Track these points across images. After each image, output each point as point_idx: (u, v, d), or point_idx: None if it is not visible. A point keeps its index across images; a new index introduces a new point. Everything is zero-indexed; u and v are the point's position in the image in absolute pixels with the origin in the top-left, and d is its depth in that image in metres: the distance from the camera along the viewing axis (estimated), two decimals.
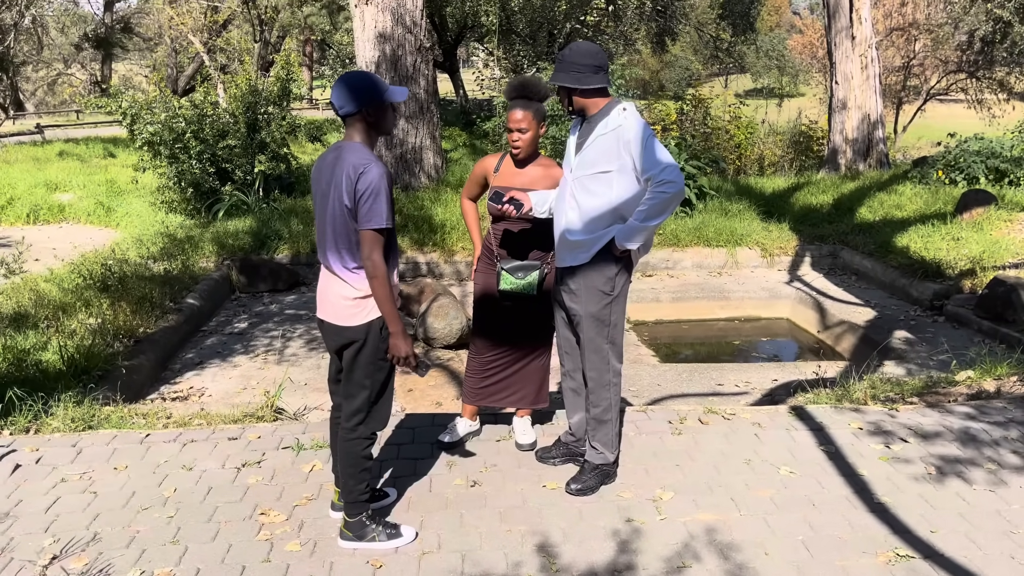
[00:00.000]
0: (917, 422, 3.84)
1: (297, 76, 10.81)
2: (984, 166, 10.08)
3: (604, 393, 3.26)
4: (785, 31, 53.77)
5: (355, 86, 2.71)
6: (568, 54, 3.07)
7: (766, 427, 3.83)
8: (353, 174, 2.64)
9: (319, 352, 6.13)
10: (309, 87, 37.16)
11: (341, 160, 2.71)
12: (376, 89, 2.73)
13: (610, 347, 3.22)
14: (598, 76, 3.06)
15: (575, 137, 3.24)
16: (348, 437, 2.87)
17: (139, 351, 5.58)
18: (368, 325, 2.78)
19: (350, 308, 2.77)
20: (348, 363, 2.85)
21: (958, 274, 7.24)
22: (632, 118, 3.04)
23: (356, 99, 2.71)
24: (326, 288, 2.84)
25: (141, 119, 9.73)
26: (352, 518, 2.94)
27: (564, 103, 3.18)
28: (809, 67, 36.25)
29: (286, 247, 8.46)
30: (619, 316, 3.22)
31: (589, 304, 3.18)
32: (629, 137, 3.00)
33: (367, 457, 2.90)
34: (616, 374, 3.26)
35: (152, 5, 29.51)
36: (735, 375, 5.72)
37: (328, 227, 2.75)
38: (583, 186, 3.12)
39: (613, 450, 3.35)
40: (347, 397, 2.87)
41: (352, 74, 2.76)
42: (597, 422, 3.30)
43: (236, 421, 4.23)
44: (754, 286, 8.11)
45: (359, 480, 2.89)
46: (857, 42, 13.21)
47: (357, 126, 2.76)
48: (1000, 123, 20.80)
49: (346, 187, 2.65)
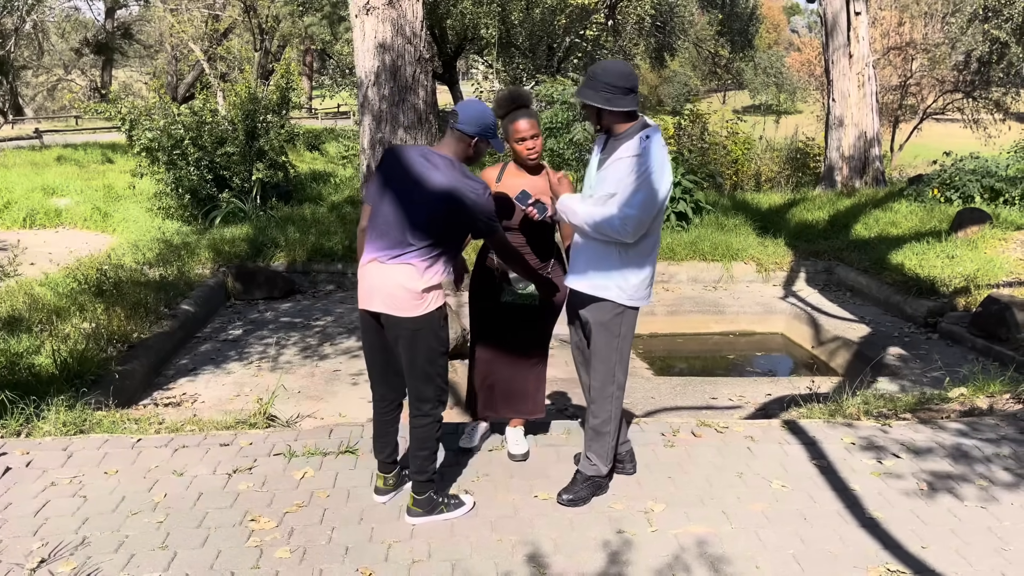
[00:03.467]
0: (910, 438, 3.84)
1: (296, 85, 10.84)
2: (979, 185, 10.13)
3: (605, 405, 3.24)
4: (783, 49, 54.12)
5: (483, 116, 2.97)
6: (600, 72, 3.03)
7: (759, 441, 3.83)
8: (476, 195, 2.88)
9: (313, 360, 6.12)
10: (309, 96, 37.26)
11: (445, 168, 2.90)
12: (493, 128, 3.03)
13: (617, 359, 3.21)
14: (628, 98, 3.03)
15: (599, 153, 3.23)
16: (422, 423, 3.06)
17: (133, 356, 5.57)
18: (429, 315, 2.95)
19: (414, 300, 2.91)
20: (409, 353, 2.98)
21: (952, 292, 7.26)
22: (654, 149, 3.01)
23: (479, 125, 2.97)
24: (383, 280, 2.94)
25: (140, 125, 9.75)
26: (421, 495, 3.12)
27: (592, 120, 3.17)
28: (807, 84, 36.46)
29: (282, 255, 8.46)
30: (629, 328, 3.21)
31: (600, 314, 3.17)
32: (640, 168, 2.98)
33: (438, 439, 3.13)
34: (619, 387, 3.25)
35: (153, 13, 29.63)
36: (729, 389, 5.72)
37: (408, 221, 2.90)
38: (595, 205, 3.13)
39: (607, 463, 3.34)
40: (415, 387, 3.05)
41: (481, 104, 3.02)
42: (595, 433, 3.29)
43: (228, 427, 4.22)
44: (749, 301, 8.13)
45: (431, 460, 3.10)
46: (854, 60, 13.30)
47: (460, 145, 2.99)
48: (996, 143, 20.91)
49: (465, 196, 2.86)
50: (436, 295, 2.99)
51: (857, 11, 13.30)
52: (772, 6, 59.84)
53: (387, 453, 3.31)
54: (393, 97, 10.52)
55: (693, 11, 30.95)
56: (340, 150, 17.04)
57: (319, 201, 11.23)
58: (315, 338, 6.67)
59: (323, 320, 7.20)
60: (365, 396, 5.40)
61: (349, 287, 8.35)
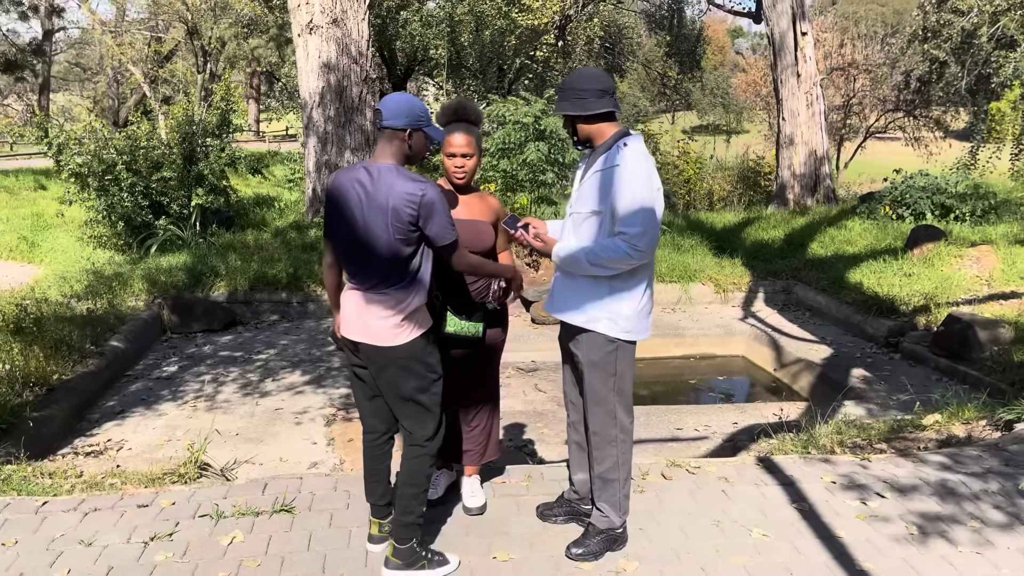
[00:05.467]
0: (891, 474, 3.60)
1: (237, 106, 10.41)
2: (930, 202, 10.17)
3: (609, 450, 2.92)
4: (728, 70, 55.16)
5: (409, 104, 2.70)
6: (569, 80, 2.84)
7: (734, 482, 3.55)
8: (417, 195, 2.60)
9: (254, 397, 5.70)
10: (256, 119, 36.59)
11: (384, 182, 2.63)
12: (425, 116, 2.74)
13: (617, 399, 2.89)
14: (603, 100, 2.80)
15: (581, 169, 2.97)
16: (416, 455, 2.80)
17: (52, 400, 5.09)
18: (412, 344, 2.70)
19: (393, 329, 2.68)
20: (395, 385, 2.74)
21: (912, 310, 7.17)
22: (630, 157, 2.75)
23: (407, 115, 2.67)
24: (362, 309, 2.71)
25: (68, 149, 9.22)
26: (403, 544, 2.82)
27: (569, 133, 2.93)
28: (753, 104, 37.06)
29: (223, 284, 8.01)
30: (626, 365, 2.90)
31: (591, 350, 2.86)
32: (623, 179, 2.72)
33: (429, 477, 2.86)
34: (623, 430, 2.93)
35: (94, 35, 28.79)
36: (694, 418, 5.48)
37: (372, 249, 2.65)
38: (575, 225, 2.88)
39: (621, 513, 3.00)
40: (406, 419, 2.80)
41: (405, 94, 2.78)
42: (602, 481, 2.96)
43: (154, 480, 3.80)
44: (708, 323, 7.95)
45: (420, 501, 2.82)
46: (802, 79, 13.38)
47: (394, 144, 2.70)
48: (937, 159, 21.38)
49: (407, 210, 2.59)
50: (419, 318, 2.75)
51: (804, 31, 13.41)
52: (717, 28, 61.08)
53: (379, 494, 2.98)
54: (339, 118, 10.20)
55: (641, 32, 31.28)
56: (286, 173, 16.56)
57: (263, 227, 10.78)
58: (256, 373, 6.25)
59: (265, 353, 6.78)
60: (309, 437, 5.01)
61: (294, 317, 7.94)
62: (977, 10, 19.64)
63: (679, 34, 27.81)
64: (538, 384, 6.34)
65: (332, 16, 9.74)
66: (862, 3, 42.66)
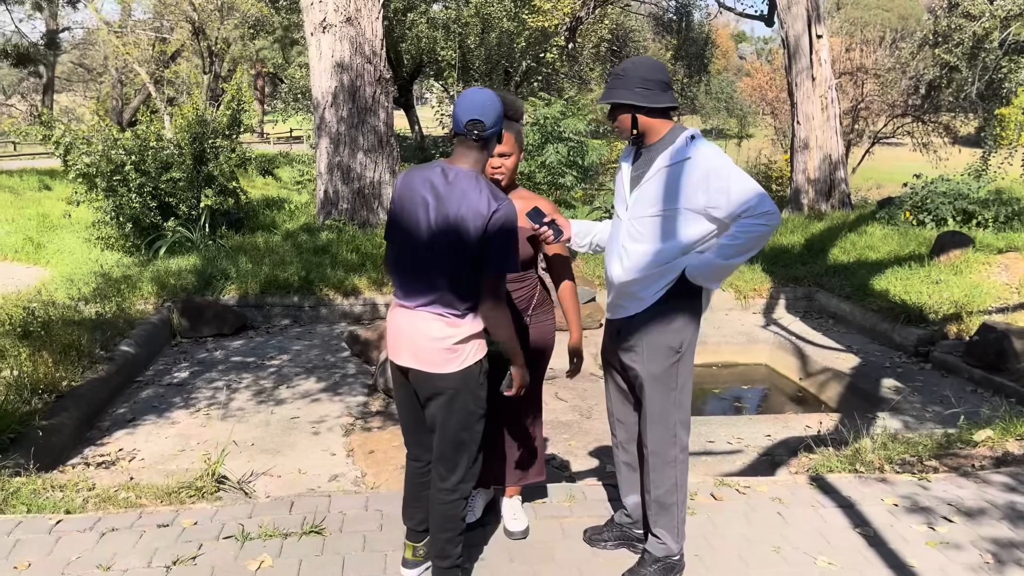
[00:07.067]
0: (955, 495, 3.41)
1: (248, 106, 10.23)
2: (952, 207, 9.98)
3: (668, 472, 2.71)
4: (733, 75, 55.00)
5: (495, 100, 2.37)
6: (630, 67, 2.59)
7: (788, 504, 3.36)
8: (487, 210, 2.32)
9: (268, 405, 5.52)
10: (261, 121, 36.46)
11: (461, 189, 2.33)
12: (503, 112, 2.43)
13: (677, 415, 2.70)
14: (667, 95, 2.59)
15: (629, 169, 2.75)
16: (448, 499, 2.57)
17: (61, 408, 4.91)
18: (465, 372, 2.46)
19: (446, 353, 2.43)
20: (441, 416, 2.51)
21: (942, 319, 6.98)
22: (708, 148, 2.57)
23: (499, 113, 2.40)
24: (411, 329, 2.47)
25: (76, 149, 9.03)
26: None
27: (624, 127, 2.66)
28: (758, 109, 36.88)
29: (233, 287, 7.82)
30: (687, 377, 2.71)
31: (652, 363, 2.66)
32: (708, 169, 2.52)
33: (463, 519, 2.65)
34: (683, 449, 2.73)
35: (98, 36, 28.65)
36: (725, 430, 5.30)
37: (428, 260, 2.41)
38: (638, 230, 2.64)
39: (679, 539, 2.80)
40: (443, 456, 2.56)
41: (490, 91, 2.39)
42: (659, 506, 2.75)
43: (170, 494, 3.62)
44: (730, 330, 7.77)
45: (456, 543, 2.62)
46: (817, 83, 13.21)
47: (484, 152, 2.45)
48: (946, 166, 21.18)
49: (473, 221, 2.32)
50: (475, 346, 2.49)
51: (819, 34, 13.25)
52: (721, 33, 60.93)
53: (418, 520, 2.77)
54: (352, 119, 10.01)
55: (648, 36, 31.10)
56: (295, 175, 16.38)
57: (273, 229, 10.60)
58: (270, 380, 6.07)
59: (278, 359, 6.60)
60: (327, 448, 4.83)
61: (306, 321, 7.76)
62: (988, 15, 19.49)
63: (687, 37, 27.68)
64: (558, 393, 6.15)
65: (346, 14, 9.56)
66: (867, 8, 42.57)
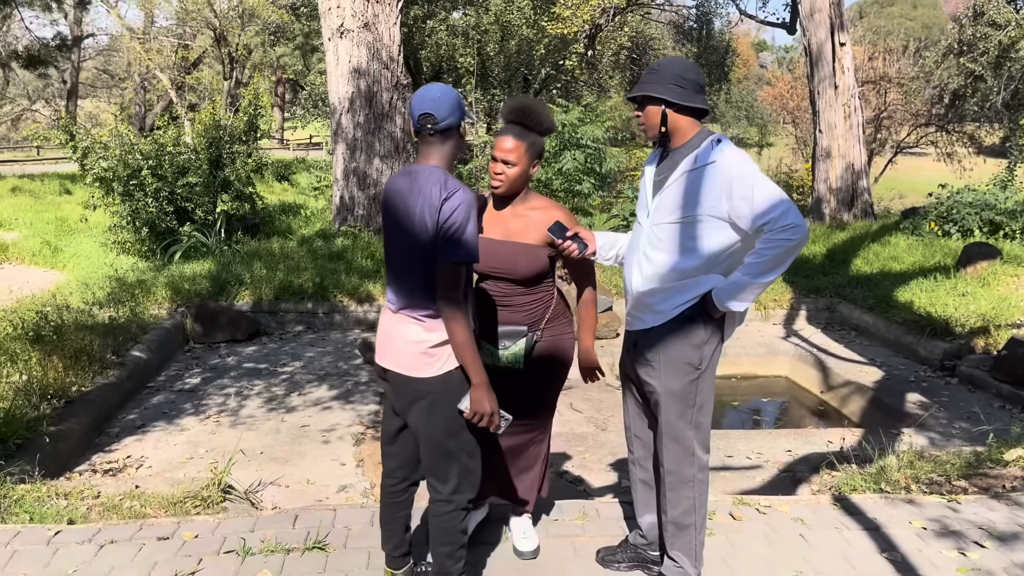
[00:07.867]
0: (987, 519, 3.26)
1: (266, 112, 10.23)
2: (979, 218, 9.77)
3: (685, 492, 2.60)
4: (753, 83, 54.71)
5: (452, 93, 2.31)
6: (666, 64, 2.52)
7: (811, 525, 3.22)
8: (437, 200, 2.26)
9: (279, 413, 5.45)
10: (281, 127, 36.68)
11: (419, 185, 2.32)
12: (463, 104, 2.35)
13: (695, 434, 2.58)
14: (699, 96, 2.51)
15: (652, 172, 2.64)
16: (444, 510, 2.46)
17: (70, 413, 4.87)
18: (446, 376, 2.35)
19: (422, 357, 2.35)
20: (422, 424, 2.37)
21: (968, 332, 6.79)
22: (733, 152, 2.47)
23: (457, 107, 2.32)
24: (392, 331, 2.42)
25: (93, 153, 9.06)
26: None
27: (653, 125, 2.56)
28: (779, 118, 36.60)
29: (247, 293, 7.79)
30: (707, 394, 2.59)
31: (670, 379, 2.55)
32: (732, 175, 2.41)
33: (464, 531, 2.51)
34: (702, 468, 2.62)
35: (122, 42, 28.96)
36: (744, 444, 5.16)
37: (401, 262, 2.38)
38: (659, 237, 2.54)
39: (696, 562, 2.68)
40: (431, 467, 2.45)
41: (441, 84, 2.34)
42: (676, 527, 2.64)
43: (174, 504, 3.55)
44: (750, 341, 7.61)
45: (457, 559, 2.48)
46: (840, 91, 13.03)
47: (447, 145, 2.37)
48: (970, 176, 20.86)
49: (429, 214, 2.27)
50: None
51: (842, 42, 13.07)
52: (742, 41, 60.66)
53: (394, 544, 2.65)
54: (368, 124, 9.98)
55: (668, 44, 30.97)
56: (312, 180, 16.40)
57: (288, 235, 10.57)
58: (281, 387, 6.01)
59: (291, 366, 6.53)
60: (337, 457, 4.74)
61: (320, 328, 7.70)
62: (1014, 23, 19.21)
63: (707, 45, 27.53)
64: (573, 403, 6.03)
65: (363, 20, 9.54)
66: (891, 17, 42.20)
